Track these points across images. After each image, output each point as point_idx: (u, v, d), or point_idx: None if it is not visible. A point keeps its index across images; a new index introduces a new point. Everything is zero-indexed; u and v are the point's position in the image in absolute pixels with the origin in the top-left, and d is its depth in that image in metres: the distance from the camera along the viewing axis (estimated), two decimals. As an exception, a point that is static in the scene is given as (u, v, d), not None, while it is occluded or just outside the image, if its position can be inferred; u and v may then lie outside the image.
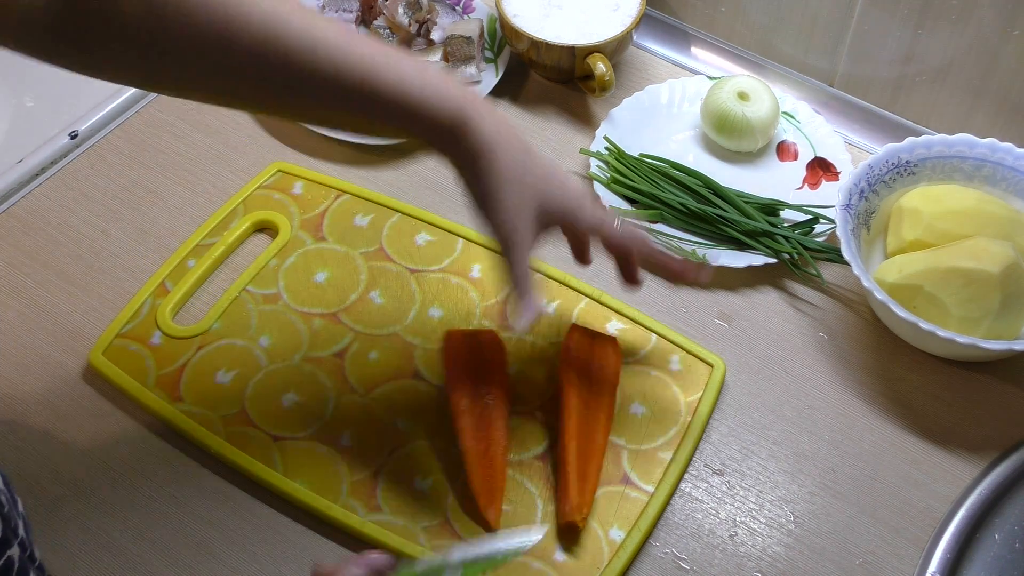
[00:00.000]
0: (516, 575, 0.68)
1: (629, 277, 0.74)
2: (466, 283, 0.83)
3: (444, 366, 0.76)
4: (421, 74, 0.62)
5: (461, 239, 0.86)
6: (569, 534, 0.70)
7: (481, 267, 0.84)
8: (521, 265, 0.66)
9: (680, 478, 0.73)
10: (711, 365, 0.78)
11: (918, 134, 0.84)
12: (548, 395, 0.77)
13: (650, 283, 0.85)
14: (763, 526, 0.72)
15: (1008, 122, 0.90)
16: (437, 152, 0.66)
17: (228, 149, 0.94)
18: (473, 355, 0.76)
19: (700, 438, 0.75)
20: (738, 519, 0.72)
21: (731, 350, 0.81)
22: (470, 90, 0.65)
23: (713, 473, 0.74)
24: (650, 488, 0.72)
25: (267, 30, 0.58)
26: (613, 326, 0.81)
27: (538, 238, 0.68)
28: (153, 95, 0.98)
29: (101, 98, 0.96)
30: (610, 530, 0.70)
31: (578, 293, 0.82)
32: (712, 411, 0.77)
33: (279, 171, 0.91)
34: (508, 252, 0.66)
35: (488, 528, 0.70)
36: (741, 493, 0.73)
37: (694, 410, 0.76)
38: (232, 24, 0.58)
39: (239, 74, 0.60)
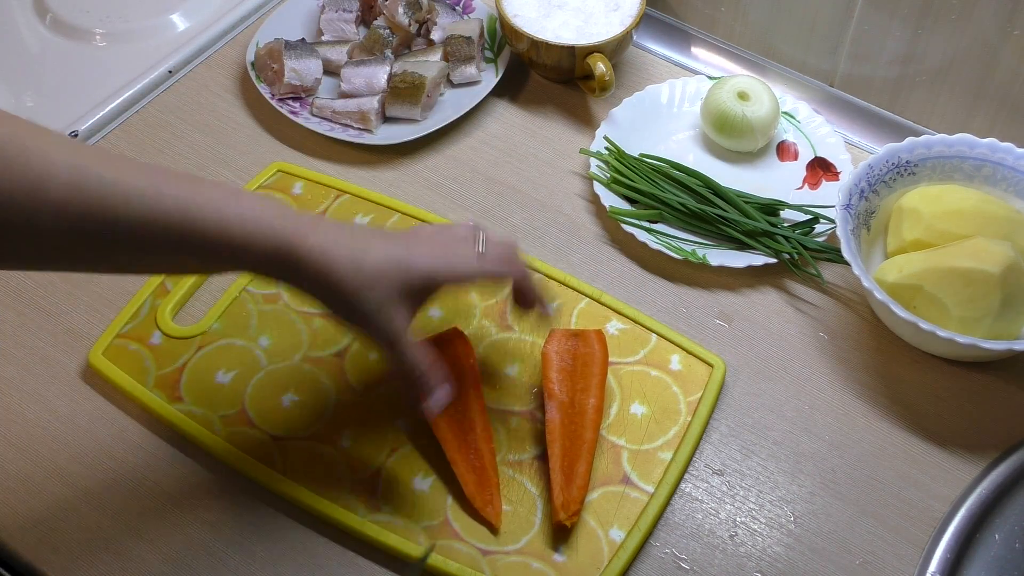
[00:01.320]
0: (516, 575, 0.68)
1: (532, 306, 0.72)
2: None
3: None
4: (241, 210, 0.61)
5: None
6: (568, 534, 0.70)
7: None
8: (410, 358, 0.66)
9: (680, 478, 0.73)
10: (711, 365, 0.78)
11: (918, 134, 0.84)
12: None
13: (650, 283, 0.85)
14: (763, 526, 0.72)
15: (1008, 122, 0.90)
16: (277, 282, 0.65)
17: (228, 149, 0.94)
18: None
19: (700, 438, 0.75)
20: (738, 519, 0.72)
21: (731, 350, 0.81)
22: (289, 212, 0.63)
23: (713, 473, 0.74)
24: (650, 488, 0.72)
25: (76, 182, 0.56)
26: (613, 326, 0.81)
27: (414, 314, 0.67)
28: (152, 95, 0.98)
29: (101, 98, 0.96)
30: (610, 530, 0.70)
31: (578, 293, 0.82)
32: (712, 411, 0.77)
33: (279, 171, 0.91)
34: (392, 353, 0.66)
35: (491, 528, 0.70)
36: (741, 493, 0.73)
37: (694, 410, 0.76)
38: (39, 181, 0.55)
39: (49, 236, 0.57)
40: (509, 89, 1.00)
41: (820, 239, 0.86)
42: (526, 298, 0.71)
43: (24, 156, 0.54)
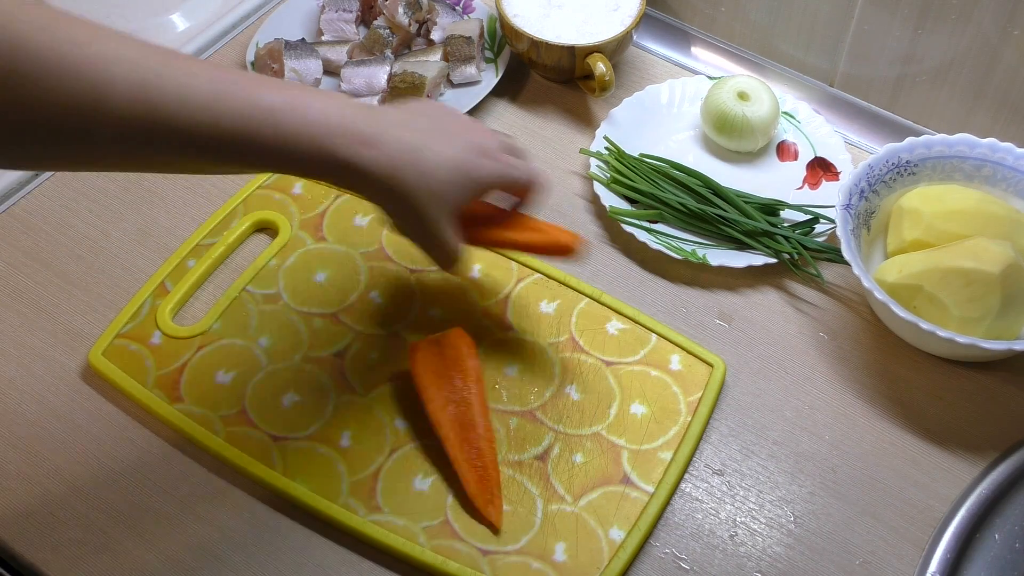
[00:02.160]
0: (516, 575, 0.68)
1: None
2: (466, 283, 0.83)
3: (415, 381, 0.74)
4: (299, 123, 0.60)
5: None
6: (569, 534, 0.70)
7: (481, 267, 0.84)
8: (450, 252, 0.69)
9: (680, 478, 0.73)
10: (711, 365, 0.78)
11: (918, 134, 0.84)
12: (547, 395, 0.77)
13: (650, 283, 0.85)
14: (763, 526, 0.72)
15: (1008, 122, 0.90)
16: (342, 187, 0.66)
17: (228, 149, 0.94)
18: (442, 360, 0.75)
19: (700, 438, 0.75)
20: (738, 519, 0.72)
21: (731, 350, 0.81)
22: (353, 119, 0.63)
23: (713, 473, 0.74)
24: (650, 488, 0.72)
25: (134, 95, 0.55)
26: (613, 326, 0.81)
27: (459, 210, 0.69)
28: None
29: (101, 98, 0.96)
30: (610, 530, 0.70)
31: (578, 293, 0.82)
32: (712, 411, 0.77)
33: (279, 171, 0.91)
34: (441, 257, 0.69)
35: (492, 527, 0.70)
36: (741, 493, 0.73)
37: (694, 410, 0.76)
38: (96, 93, 0.54)
39: (110, 143, 0.57)
40: (509, 89, 1.00)
41: (820, 239, 0.86)
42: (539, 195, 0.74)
43: (86, 66, 0.54)
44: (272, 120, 0.60)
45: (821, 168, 0.92)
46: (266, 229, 0.87)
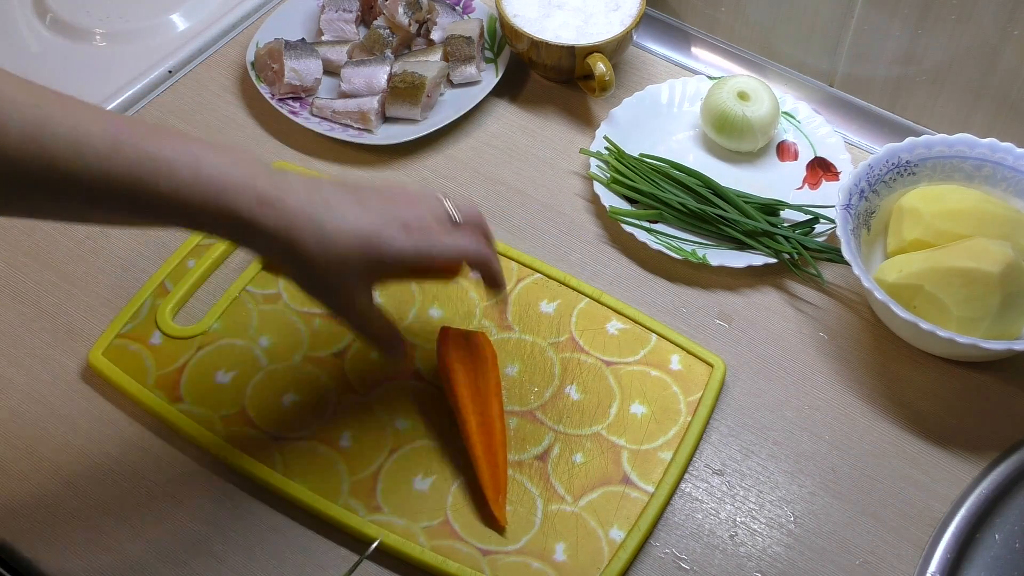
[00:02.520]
0: (516, 575, 0.68)
1: (491, 283, 0.71)
2: (466, 283, 0.83)
3: (441, 361, 0.75)
4: (196, 176, 0.58)
5: None
6: (569, 534, 0.70)
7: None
8: (366, 330, 0.67)
9: (680, 478, 0.73)
10: (711, 365, 0.78)
11: (918, 134, 0.84)
12: (547, 395, 0.77)
13: (650, 283, 0.85)
14: (763, 526, 0.72)
15: (1008, 122, 0.90)
16: (238, 245, 0.63)
17: (228, 149, 0.94)
18: (469, 352, 0.75)
19: (700, 438, 0.75)
20: (738, 519, 0.72)
21: (731, 350, 0.81)
22: (254, 177, 0.60)
23: (713, 473, 0.74)
24: (650, 488, 0.72)
25: (30, 135, 0.54)
26: (613, 326, 0.81)
27: (377, 286, 0.67)
28: (152, 95, 0.98)
29: (100, 98, 0.96)
30: (610, 530, 0.70)
31: (578, 293, 0.82)
32: (712, 411, 0.77)
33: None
34: (349, 324, 0.67)
35: (496, 526, 0.70)
36: (741, 493, 0.73)
37: (694, 410, 0.76)
38: None
39: (6, 185, 0.55)
40: (509, 89, 1.00)
41: (820, 239, 0.86)
42: (495, 279, 0.70)
43: None
44: (167, 171, 0.57)
45: (821, 168, 0.92)
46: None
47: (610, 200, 0.88)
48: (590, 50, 0.94)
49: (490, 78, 0.98)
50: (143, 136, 0.58)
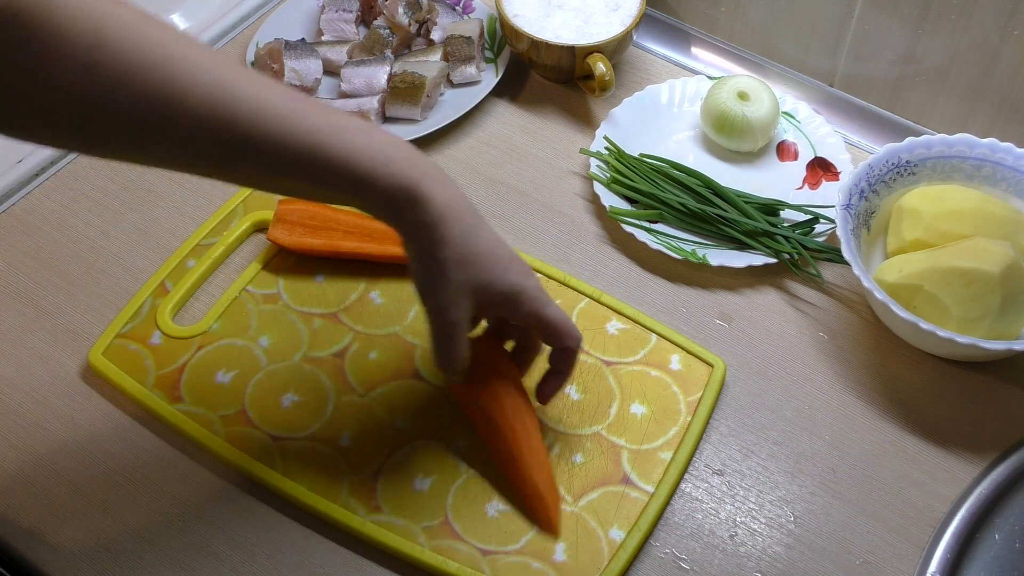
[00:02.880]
0: (516, 575, 0.68)
1: (547, 388, 0.72)
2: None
3: (492, 355, 0.73)
4: (369, 144, 0.60)
5: None
6: (569, 534, 0.70)
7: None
8: (455, 350, 0.67)
9: (680, 478, 0.73)
10: (711, 365, 0.78)
11: (918, 134, 0.84)
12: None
13: (650, 283, 0.85)
14: (763, 526, 0.72)
15: (1008, 122, 0.90)
16: (386, 223, 0.64)
17: (228, 149, 0.94)
18: (489, 359, 0.74)
19: (700, 438, 0.75)
20: (738, 519, 0.72)
21: (731, 350, 0.81)
22: (422, 158, 0.63)
23: (713, 473, 0.74)
24: (650, 488, 0.72)
25: (212, 98, 0.56)
26: (613, 326, 0.81)
27: (474, 322, 0.67)
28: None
29: (101, 98, 0.96)
30: (610, 530, 0.70)
31: (578, 293, 0.82)
32: (712, 411, 0.77)
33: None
34: (443, 335, 0.66)
35: (551, 530, 0.69)
36: (741, 493, 0.73)
37: (694, 410, 0.76)
38: (175, 90, 0.55)
39: (183, 142, 0.58)
40: (509, 89, 1.00)
41: (820, 239, 0.86)
42: (565, 371, 0.71)
43: (167, 65, 0.55)
44: (342, 137, 0.60)
45: (821, 168, 0.92)
46: (266, 229, 0.87)
47: (610, 200, 0.88)
48: (590, 50, 0.94)
49: (490, 78, 0.98)
50: (318, 105, 0.61)
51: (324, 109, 0.61)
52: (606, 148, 0.92)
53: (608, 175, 0.90)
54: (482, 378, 0.72)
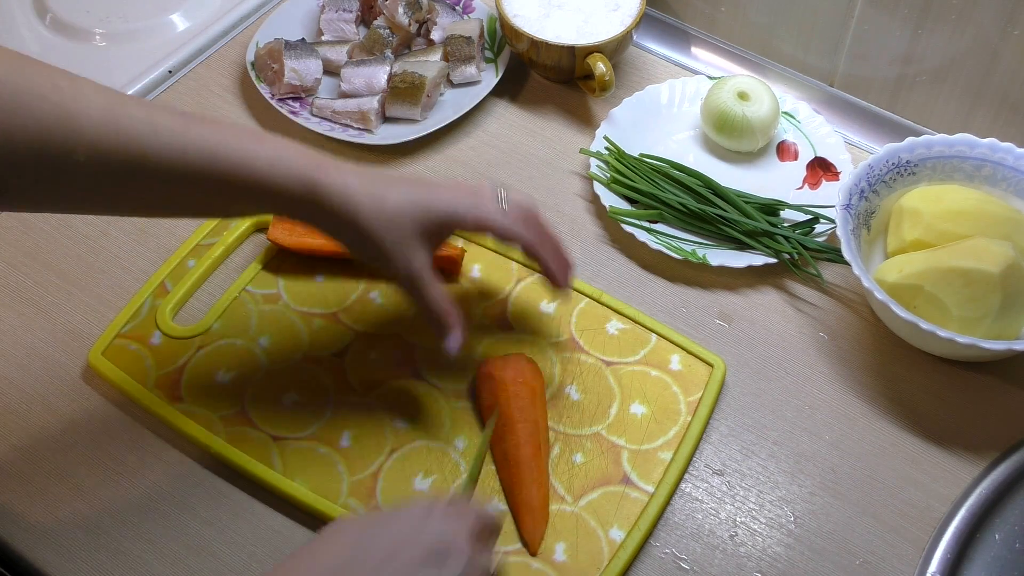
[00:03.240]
0: (516, 575, 0.68)
1: (550, 277, 0.73)
2: (466, 283, 0.83)
3: (498, 403, 0.74)
4: (265, 149, 0.62)
5: (460, 239, 0.86)
6: (569, 534, 0.70)
7: (480, 267, 0.84)
8: (432, 296, 0.68)
9: (680, 478, 0.73)
10: (711, 365, 0.78)
11: (918, 134, 0.84)
12: (547, 395, 0.77)
13: (650, 283, 0.85)
14: (763, 526, 0.72)
15: (1008, 122, 0.90)
16: (300, 222, 0.67)
17: (228, 149, 0.94)
18: (516, 379, 0.74)
19: (700, 438, 0.75)
20: (738, 519, 0.72)
21: (731, 350, 0.81)
22: (315, 153, 0.65)
23: (713, 473, 0.74)
24: (650, 488, 0.72)
25: (106, 121, 0.58)
26: (613, 326, 0.81)
27: (432, 253, 0.68)
28: (152, 95, 0.98)
29: (101, 98, 0.96)
30: (610, 530, 0.70)
31: (578, 293, 0.82)
32: (712, 411, 0.77)
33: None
34: (413, 291, 0.68)
35: (531, 547, 0.69)
36: (741, 493, 0.73)
37: (694, 410, 0.76)
38: (71, 122, 0.57)
39: (82, 170, 0.58)
40: (509, 89, 1.00)
41: (820, 239, 0.86)
42: (552, 264, 0.72)
43: (59, 95, 0.57)
44: (237, 142, 0.61)
45: (821, 168, 0.92)
46: (266, 229, 0.87)
47: (610, 200, 0.88)
48: (590, 50, 0.94)
49: (490, 78, 0.98)
50: (209, 121, 0.62)
51: (215, 123, 0.62)
52: (606, 148, 0.92)
53: (608, 175, 0.90)
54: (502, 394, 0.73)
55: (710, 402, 0.76)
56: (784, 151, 0.94)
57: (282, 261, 0.85)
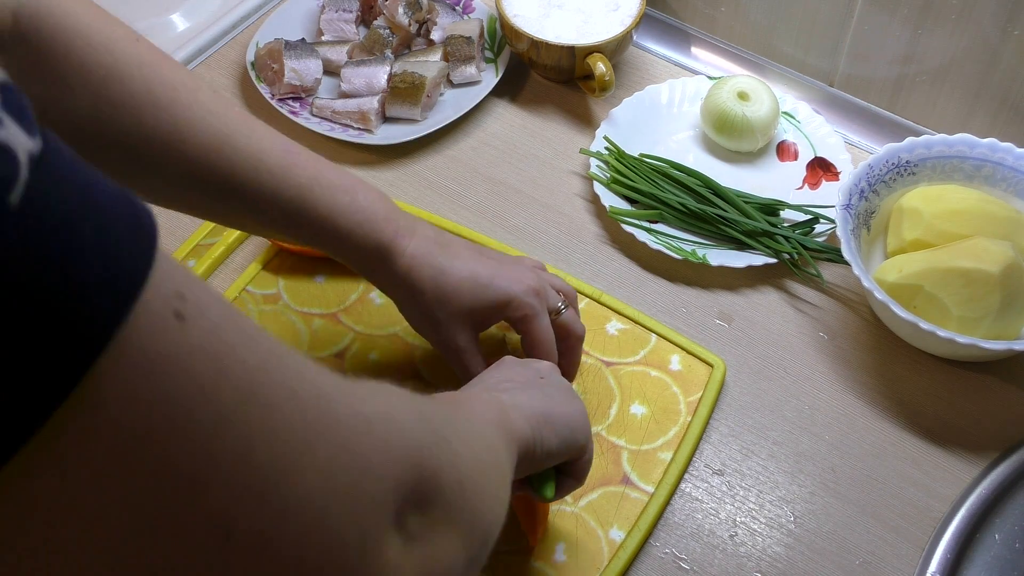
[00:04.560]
0: (516, 575, 0.68)
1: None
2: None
3: None
4: (351, 202, 0.65)
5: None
6: (569, 534, 0.70)
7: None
8: (473, 372, 0.69)
9: (680, 478, 0.73)
10: (711, 365, 0.78)
11: (918, 134, 0.84)
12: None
13: (650, 283, 0.85)
14: (763, 526, 0.72)
15: (1008, 122, 0.90)
16: (363, 276, 0.68)
17: (228, 149, 0.94)
18: None
19: (700, 438, 0.75)
20: (738, 519, 0.72)
21: (731, 350, 0.81)
22: (397, 213, 0.67)
23: (713, 473, 0.74)
24: (650, 488, 0.72)
25: (215, 145, 0.59)
26: (613, 326, 0.81)
27: (481, 330, 0.70)
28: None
29: (101, 98, 0.96)
30: (610, 530, 0.70)
31: (578, 293, 0.82)
32: (712, 411, 0.77)
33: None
34: (455, 362, 0.69)
35: (528, 546, 0.69)
36: (741, 493, 0.73)
37: (694, 410, 0.76)
38: (177, 134, 0.58)
39: (176, 182, 0.61)
40: (509, 89, 1.00)
41: (820, 239, 0.86)
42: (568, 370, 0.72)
43: (173, 107, 0.58)
44: (330, 196, 0.64)
45: (821, 168, 0.92)
46: (266, 229, 0.88)
47: (610, 200, 0.88)
48: (590, 50, 0.94)
49: (490, 78, 0.98)
50: (311, 160, 0.65)
51: (316, 163, 0.64)
52: (606, 148, 0.92)
53: (608, 175, 0.90)
54: None
55: (710, 402, 0.76)
56: (784, 151, 0.94)
57: (282, 261, 0.85)
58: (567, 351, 0.72)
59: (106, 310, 0.27)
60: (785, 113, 0.95)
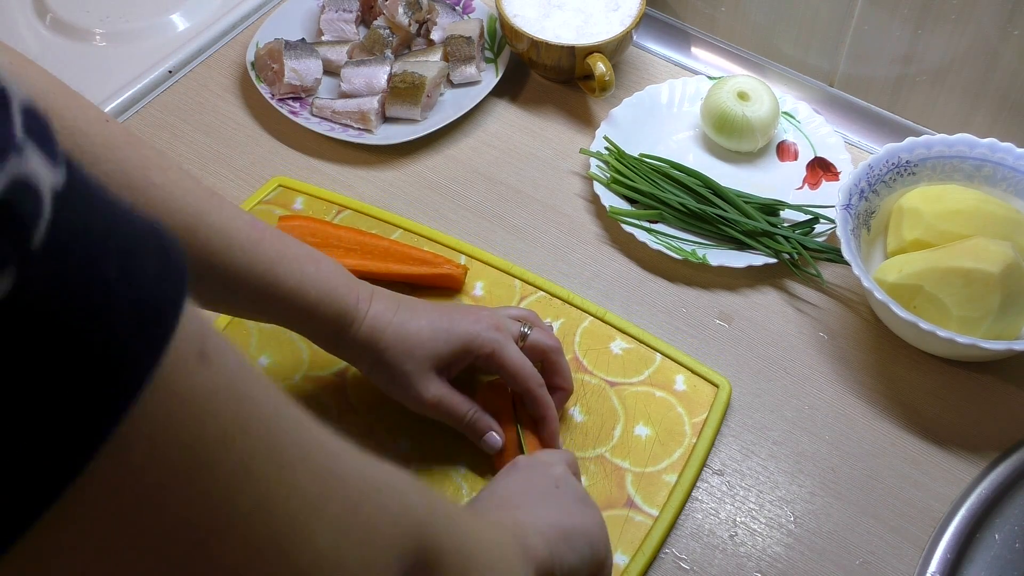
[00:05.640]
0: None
1: (537, 429, 0.73)
2: (469, 300, 0.82)
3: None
4: (316, 272, 0.66)
5: (463, 255, 0.85)
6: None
7: (483, 284, 0.83)
8: (457, 416, 0.70)
9: (685, 501, 0.72)
10: (716, 385, 0.77)
11: (918, 134, 0.84)
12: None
13: (650, 283, 0.85)
14: (763, 526, 0.72)
15: (1008, 122, 0.90)
16: (326, 347, 0.69)
17: (228, 149, 0.95)
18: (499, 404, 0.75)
19: (705, 460, 0.74)
20: (738, 519, 0.72)
21: (731, 350, 0.81)
22: (355, 281, 0.68)
23: (713, 473, 0.74)
24: (655, 511, 0.71)
25: (191, 224, 0.60)
26: (617, 345, 0.79)
27: (448, 381, 0.70)
28: (152, 96, 0.98)
29: (101, 98, 0.96)
30: (614, 555, 0.67)
31: (582, 312, 0.81)
32: (717, 432, 0.75)
33: (280, 186, 0.90)
34: (436, 413, 0.70)
35: None
36: (741, 493, 0.73)
37: (699, 432, 0.74)
38: (158, 215, 0.58)
39: (241, 304, 0.64)
40: (509, 89, 1.00)
41: (820, 239, 0.86)
42: (543, 426, 0.72)
43: (149, 190, 0.58)
44: (297, 268, 0.65)
45: (821, 168, 0.92)
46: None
47: (610, 200, 0.88)
48: (590, 50, 0.94)
49: (490, 78, 0.98)
50: (276, 236, 0.66)
51: (279, 237, 0.66)
52: (606, 148, 0.92)
53: (608, 175, 0.90)
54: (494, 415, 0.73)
55: (715, 423, 0.75)
56: (784, 151, 0.94)
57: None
58: (551, 367, 0.73)
59: (137, 354, 0.25)
60: (785, 113, 0.95)
